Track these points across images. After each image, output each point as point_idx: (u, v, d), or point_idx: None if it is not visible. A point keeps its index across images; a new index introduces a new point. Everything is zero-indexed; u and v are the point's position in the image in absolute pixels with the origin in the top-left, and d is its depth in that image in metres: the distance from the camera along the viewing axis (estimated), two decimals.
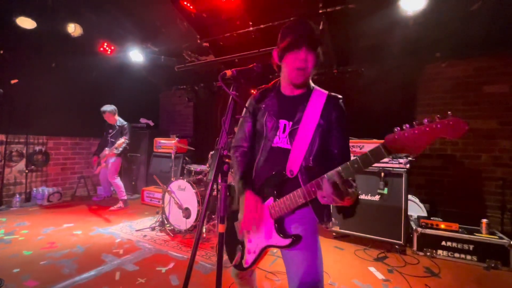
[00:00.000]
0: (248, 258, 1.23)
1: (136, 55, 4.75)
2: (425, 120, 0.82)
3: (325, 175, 1.00)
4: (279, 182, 1.18)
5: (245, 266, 1.24)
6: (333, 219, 3.18)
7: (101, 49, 4.59)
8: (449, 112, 0.79)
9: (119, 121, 4.50)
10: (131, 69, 5.21)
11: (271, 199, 1.18)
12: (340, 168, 0.98)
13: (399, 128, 0.86)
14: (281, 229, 1.15)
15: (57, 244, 2.89)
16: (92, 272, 2.32)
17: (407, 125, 0.84)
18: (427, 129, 0.81)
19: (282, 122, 1.23)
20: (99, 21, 4.12)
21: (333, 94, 1.23)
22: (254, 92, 1.38)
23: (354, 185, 1.02)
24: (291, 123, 1.21)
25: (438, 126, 0.79)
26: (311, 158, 1.16)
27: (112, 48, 4.66)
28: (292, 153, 1.17)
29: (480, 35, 3.20)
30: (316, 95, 1.22)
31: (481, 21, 2.96)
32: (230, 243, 1.33)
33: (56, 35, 4.01)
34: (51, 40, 4.20)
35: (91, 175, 5.37)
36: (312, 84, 1.27)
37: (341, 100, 1.23)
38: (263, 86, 1.38)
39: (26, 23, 3.76)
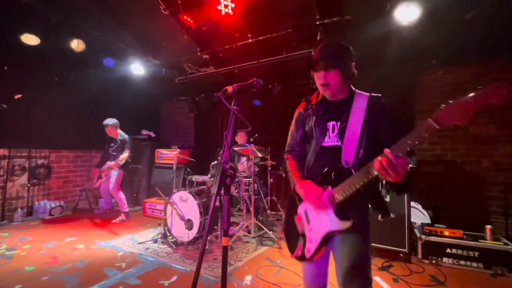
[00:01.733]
0: (310, 247, 1.27)
1: (137, 68, 4.83)
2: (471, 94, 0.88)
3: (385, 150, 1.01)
4: (335, 173, 1.24)
5: (307, 255, 1.28)
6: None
7: (103, 63, 4.67)
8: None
9: (120, 134, 4.52)
10: (132, 82, 5.29)
11: (329, 188, 1.22)
12: (394, 146, 0.99)
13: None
14: (341, 213, 1.19)
15: (59, 258, 2.88)
16: (95, 287, 2.30)
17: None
18: (474, 98, 0.88)
19: (330, 123, 1.32)
20: (101, 36, 4.21)
21: (374, 94, 1.32)
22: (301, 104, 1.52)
23: (408, 160, 1.03)
24: (339, 122, 1.30)
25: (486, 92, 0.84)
26: (362, 152, 1.23)
27: (114, 61, 4.75)
28: (345, 147, 1.24)
29: (476, 41, 3.25)
30: (358, 97, 1.32)
31: (477, 27, 3.02)
32: (291, 237, 1.38)
33: (59, 50, 4.09)
34: (54, 55, 4.28)
35: (93, 188, 5.37)
36: (353, 88, 1.37)
37: (382, 99, 1.31)
38: (308, 97, 1.51)
39: (30, 39, 3.84)
